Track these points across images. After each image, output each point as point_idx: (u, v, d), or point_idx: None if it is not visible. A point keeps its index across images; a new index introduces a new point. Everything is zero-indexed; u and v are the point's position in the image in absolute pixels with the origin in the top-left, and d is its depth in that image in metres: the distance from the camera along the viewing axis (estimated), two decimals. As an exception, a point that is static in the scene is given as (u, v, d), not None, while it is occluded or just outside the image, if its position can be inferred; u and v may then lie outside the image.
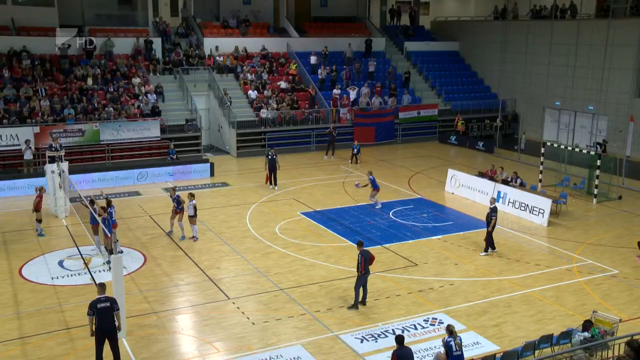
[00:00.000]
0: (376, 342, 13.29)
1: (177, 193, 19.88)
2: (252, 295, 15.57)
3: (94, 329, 11.65)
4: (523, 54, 37.11)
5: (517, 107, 38.20)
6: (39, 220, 19.74)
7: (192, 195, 19.64)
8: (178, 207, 19.60)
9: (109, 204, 18.15)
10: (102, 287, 11.92)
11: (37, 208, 19.62)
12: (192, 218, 19.33)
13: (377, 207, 22.91)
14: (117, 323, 11.74)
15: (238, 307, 14.83)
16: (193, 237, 19.44)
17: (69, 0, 35.12)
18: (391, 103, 36.13)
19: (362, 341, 13.31)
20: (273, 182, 25.67)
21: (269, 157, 25.61)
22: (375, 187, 23.06)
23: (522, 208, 22.19)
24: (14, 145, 27.04)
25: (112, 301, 11.75)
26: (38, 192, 19.86)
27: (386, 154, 32.77)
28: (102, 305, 11.61)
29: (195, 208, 19.27)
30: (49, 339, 13.18)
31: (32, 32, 33.02)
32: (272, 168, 25.59)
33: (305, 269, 17.22)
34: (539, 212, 21.57)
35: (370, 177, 23.12)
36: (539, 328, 13.77)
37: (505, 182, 23.59)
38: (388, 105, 35.95)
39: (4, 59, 31.17)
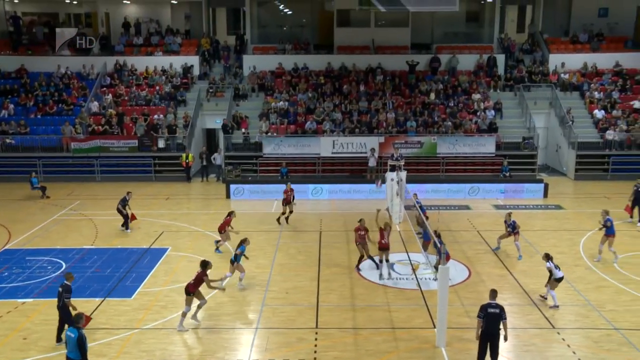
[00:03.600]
0: None
1: (512, 219, 19.52)
2: (581, 329, 14.46)
3: (479, 333, 12.34)
4: None
5: None
6: (218, 241, 20.05)
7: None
8: (513, 231, 19.36)
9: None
10: (494, 293, 12.61)
11: (220, 229, 19.93)
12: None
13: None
14: (503, 331, 12.25)
15: (563, 339, 13.94)
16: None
17: (422, 20, 37.37)
18: None
19: None
20: (638, 218, 22.90)
21: (636, 188, 22.90)
22: (610, 233, 18.63)
23: None
24: (361, 153, 29.89)
25: (501, 309, 12.31)
26: (228, 215, 20.23)
27: None
28: (492, 310, 12.24)
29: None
30: (376, 335, 14.23)
31: (387, 51, 36.11)
32: (638, 201, 22.82)
33: (647, 312, 15.33)
34: None
35: (608, 217, 18.71)
36: None
37: None
38: None
39: (362, 75, 34.77)
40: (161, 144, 31.07)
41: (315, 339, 13.99)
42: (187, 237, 21.61)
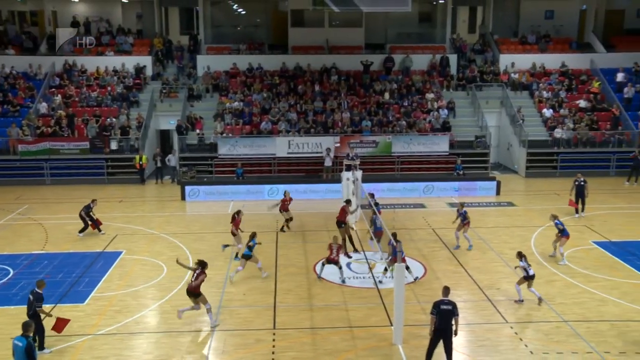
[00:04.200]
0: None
1: (464, 209, 20.02)
2: (532, 322, 14.83)
3: (432, 329, 12.52)
4: None
5: None
6: (227, 245, 19.54)
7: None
8: (463, 221, 19.87)
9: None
10: (446, 290, 12.81)
11: (233, 232, 19.51)
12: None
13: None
14: (454, 327, 12.44)
15: (516, 333, 14.27)
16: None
17: (375, 21, 37.71)
18: None
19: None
20: (581, 209, 23.76)
21: (577, 182, 23.79)
22: (565, 234, 18.78)
23: None
24: (316, 153, 29.96)
25: (454, 305, 12.49)
26: (237, 215, 19.63)
27: None
28: (445, 307, 12.43)
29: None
30: (334, 334, 14.28)
31: (341, 51, 36.30)
32: (580, 194, 23.69)
33: (595, 304, 15.82)
34: None
35: (557, 221, 18.90)
36: None
37: None
38: None
39: (316, 75, 34.85)
40: (114, 145, 30.49)
41: (273, 340, 13.96)
42: (142, 240, 21.26)
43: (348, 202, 20.25)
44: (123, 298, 16.33)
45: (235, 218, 19.55)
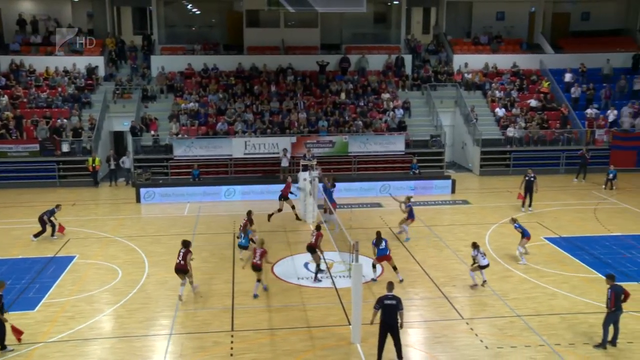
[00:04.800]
0: (625, 389, 11.99)
1: (409, 203, 20.87)
2: (487, 318, 15.11)
3: (373, 321, 12.86)
4: None
5: None
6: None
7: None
8: (409, 215, 20.74)
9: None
10: (390, 285, 13.13)
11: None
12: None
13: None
14: (400, 320, 12.70)
15: (471, 329, 14.51)
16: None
17: (331, 21, 37.83)
18: (659, 125, 32.41)
19: (607, 385, 12.12)
20: (529, 204, 24.58)
21: (527, 178, 24.50)
22: (526, 235, 19.01)
23: None
24: (273, 154, 29.87)
25: (398, 300, 12.74)
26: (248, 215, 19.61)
27: (649, 182, 29.50)
28: (389, 302, 12.67)
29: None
30: (292, 334, 14.26)
31: (297, 51, 36.29)
32: (529, 189, 24.47)
33: (546, 298, 16.23)
34: None
35: (516, 224, 19.13)
36: None
37: None
38: (655, 128, 32.32)
39: (272, 75, 34.74)
40: (65, 147, 29.76)
41: (232, 342, 13.85)
42: (96, 244, 20.82)
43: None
44: (76, 304, 15.96)
45: (246, 220, 19.24)
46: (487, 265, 16.78)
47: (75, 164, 29.63)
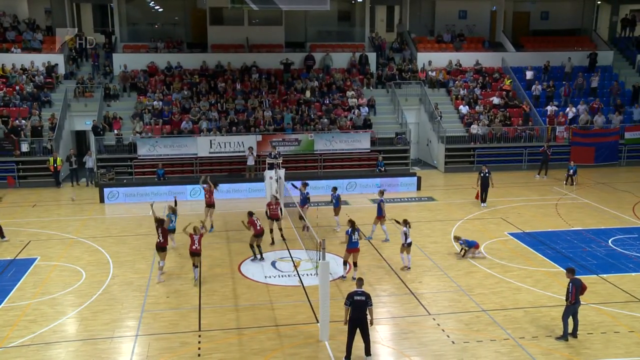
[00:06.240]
0: (587, 380, 12.27)
1: (381, 198, 20.85)
2: (453, 313, 15.30)
3: (347, 319, 12.82)
4: None
5: None
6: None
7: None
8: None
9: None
10: (360, 281, 13.15)
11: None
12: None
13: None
14: (369, 317, 12.76)
15: (438, 324, 14.67)
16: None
17: (295, 19, 37.76)
18: (616, 121, 33.22)
19: (570, 377, 12.39)
20: (483, 199, 25.05)
21: (482, 174, 25.01)
22: (472, 245, 19.30)
23: None
24: (239, 152, 29.71)
25: (367, 296, 12.79)
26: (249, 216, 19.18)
27: (607, 177, 30.23)
28: (358, 298, 12.71)
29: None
30: (261, 333, 14.22)
31: (262, 49, 36.13)
32: (485, 185, 24.97)
33: (511, 292, 16.51)
34: None
35: (460, 241, 19.41)
36: None
37: None
38: (612, 124, 33.12)
39: (237, 74, 34.52)
40: (25, 147, 29.07)
41: (199, 342, 13.74)
42: (59, 245, 20.40)
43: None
44: (38, 307, 15.61)
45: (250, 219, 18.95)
46: (410, 244, 17.97)
47: (36, 164, 28.97)
